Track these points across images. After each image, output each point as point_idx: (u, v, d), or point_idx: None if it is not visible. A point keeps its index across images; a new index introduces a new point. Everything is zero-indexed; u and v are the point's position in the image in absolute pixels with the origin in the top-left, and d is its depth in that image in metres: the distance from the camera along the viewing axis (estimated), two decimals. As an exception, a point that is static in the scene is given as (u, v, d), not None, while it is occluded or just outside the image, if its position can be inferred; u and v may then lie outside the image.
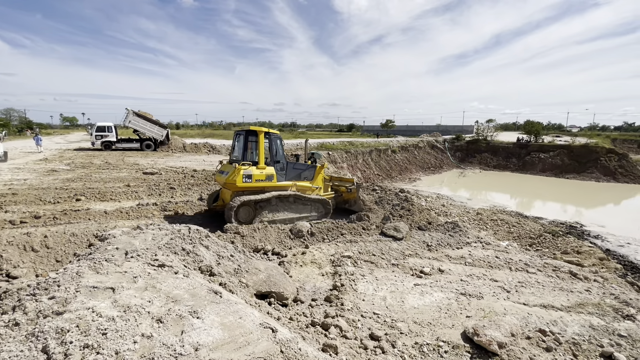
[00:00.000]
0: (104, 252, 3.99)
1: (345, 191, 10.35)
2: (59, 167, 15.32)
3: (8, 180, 11.81)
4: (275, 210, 8.24)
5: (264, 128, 8.28)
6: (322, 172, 9.66)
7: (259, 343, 2.51)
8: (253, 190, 8.04)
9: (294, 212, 8.56)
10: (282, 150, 8.85)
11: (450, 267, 6.44)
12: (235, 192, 7.92)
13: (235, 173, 7.71)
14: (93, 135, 24.80)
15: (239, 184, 7.73)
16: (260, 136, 8.05)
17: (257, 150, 8.06)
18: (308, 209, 8.82)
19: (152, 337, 2.35)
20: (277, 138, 8.65)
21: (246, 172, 7.80)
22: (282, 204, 8.39)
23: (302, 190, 8.94)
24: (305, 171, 9.31)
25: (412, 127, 68.97)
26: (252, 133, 8.20)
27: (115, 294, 2.90)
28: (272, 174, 8.26)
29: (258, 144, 8.03)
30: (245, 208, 7.82)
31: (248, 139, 8.27)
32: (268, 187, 8.22)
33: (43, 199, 9.17)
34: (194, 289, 3.19)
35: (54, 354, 2.13)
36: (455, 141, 39.58)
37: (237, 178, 7.69)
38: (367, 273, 5.87)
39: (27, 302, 2.80)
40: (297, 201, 8.60)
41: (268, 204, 8.15)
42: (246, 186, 7.86)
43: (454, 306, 4.84)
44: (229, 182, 7.78)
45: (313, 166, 9.51)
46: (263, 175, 8.08)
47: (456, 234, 8.40)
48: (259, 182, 8.04)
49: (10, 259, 5.04)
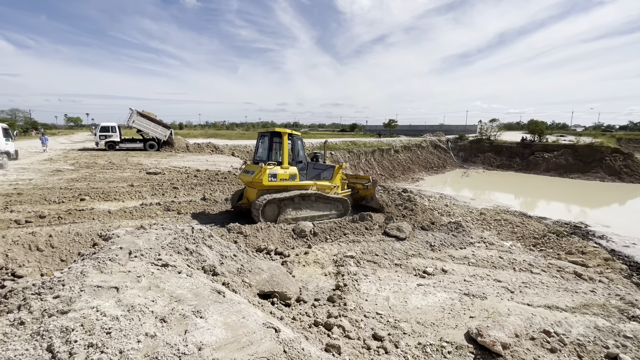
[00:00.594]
0: (108, 251, 4.02)
1: (362, 188, 10.75)
2: (63, 167, 15.44)
3: (13, 180, 11.91)
4: (298, 208, 8.57)
5: (287, 130, 8.63)
6: (340, 172, 10.06)
7: (262, 343, 2.51)
8: (277, 188, 8.37)
9: (315, 210, 8.88)
10: (303, 151, 9.28)
11: (453, 267, 6.41)
12: (261, 191, 8.26)
13: (262, 172, 8.05)
14: (97, 135, 24.95)
15: (265, 183, 8.07)
16: (284, 137, 8.40)
17: (281, 151, 8.41)
18: (328, 208, 9.16)
19: (155, 336, 2.35)
20: (298, 139, 9.08)
21: (271, 172, 8.16)
22: (305, 202, 8.71)
23: (321, 189, 9.33)
24: (325, 171, 9.79)
25: (415, 127, 68.78)
26: (277, 134, 8.57)
27: (119, 294, 2.91)
28: (295, 174, 8.63)
29: (282, 145, 8.37)
30: (270, 206, 8.14)
31: (273, 140, 8.63)
32: (291, 186, 8.57)
33: (48, 198, 9.24)
34: (197, 288, 3.19)
35: (58, 352, 2.14)
36: (459, 141, 39.43)
37: (263, 177, 8.03)
38: (370, 273, 5.86)
39: (32, 301, 2.82)
40: (319, 200, 8.94)
41: (291, 202, 8.48)
42: (271, 185, 8.21)
43: (457, 306, 4.82)
44: (255, 181, 8.12)
45: (332, 166, 9.99)
46: (287, 175, 8.45)
47: (459, 234, 8.37)
48: (283, 181, 8.40)
49: (15, 258, 5.08)
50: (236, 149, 25.18)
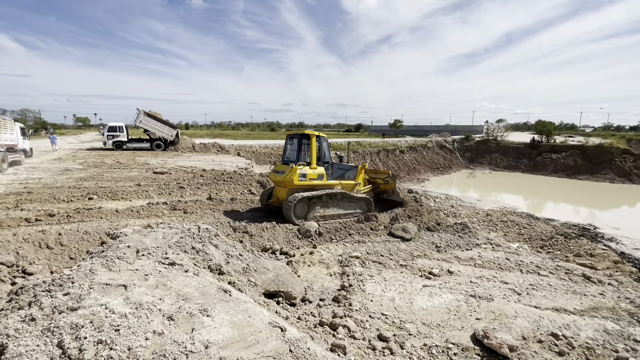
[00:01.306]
0: (116, 250, 4.07)
1: (383, 183, 11.25)
2: (72, 167, 15.66)
3: (24, 179, 12.12)
4: (325, 207, 8.99)
5: (315, 132, 9.08)
6: (362, 172, 10.64)
7: (268, 342, 2.52)
8: (306, 188, 8.79)
9: (341, 208, 9.29)
10: (329, 151, 9.69)
11: (459, 268, 6.37)
12: (291, 190, 8.69)
13: (292, 172, 8.49)
14: (105, 135, 25.24)
15: (296, 182, 8.51)
16: (313, 139, 8.82)
17: (309, 152, 8.86)
18: (353, 206, 9.57)
19: (163, 334, 2.38)
20: (324, 141, 9.46)
21: (301, 172, 8.60)
22: (332, 200, 9.15)
23: (346, 188, 9.80)
24: (349, 171, 10.31)
25: (421, 127, 68.40)
26: (306, 136, 9.05)
27: (127, 291, 2.95)
28: (323, 174, 9.06)
29: (311, 146, 8.79)
30: (301, 204, 8.52)
31: (302, 141, 9.11)
32: (319, 186, 9.00)
33: (57, 197, 9.37)
34: (204, 287, 3.22)
35: (68, 349, 2.18)
36: (465, 141, 39.12)
37: (294, 177, 8.48)
38: (375, 274, 5.85)
39: (43, 297, 2.87)
40: (344, 199, 9.37)
41: (319, 201, 8.90)
42: (301, 184, 8.65)
43: (463, 308, 4.78)
44: (286, 180, 8.55)
45: (355, 166, 10.56)
46: (315, 175, 8.88)
47: (465, 235, 8.31)
48: (312, 181, 8.82)
49: (26, 256, 5.17)
50: (242, 149, 25.30)
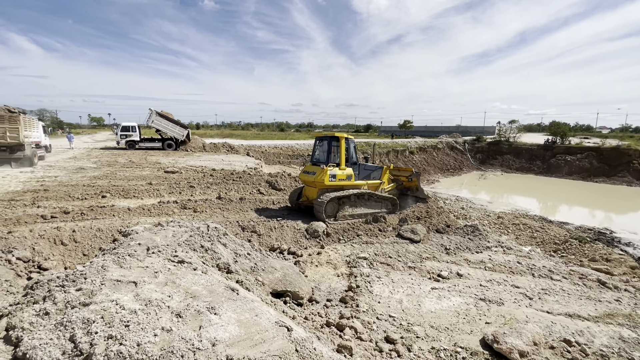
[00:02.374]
0: (127, 247, 4.14)
1: (406, 180, 11.53)
2: (86, 165, 16.03)
3: (40, 177, 12.47)
4: (354, 206, 9.28)
5: (344, 134, 9.40)
6: (387, 172, 10.98)
7: (274, 341, 2.53)
8: (336, 188, 9.08)
9: (368, 207, 9.53)
10: (356, 153, 9.98)
11: (469, 271, 6.28)
12: (321, 190, 8.98)
13: (323, 173, 8.77)
14: (118, 134, 25.78)
15: (326, 183, 8.80)
16: (342, 141, 9.09)
17: (339, 153, 9.11)
18: (379, 205, 9.85)
19: (171, 330, 2.41)
20: (352, 142, 9.71)
21: (332, 172, 8.87)
22: (359, 200, 9.41)
23: (372, 187, 10.11)
24: (375, 172, 10.66)
25: (431, 128, 67.69)
26: (336, 139, 9.32)
27: (138, 288, 3.00)
28: (351, 174, 9.34)
29: (340, 148, 9.04)
30: (331, 203, 8.84)
31: (332, 143, 9.37)
32: (347, 186, 9.28)
33: (72, 195, 9.61)
34: (212, 285, 3.25)
35: (80, 343, 2.23)
36: (476, 142, 38.53)
37: (325, 177, 8.77)
38: (383, 275, 5.81)
39: (57, 292, 2.94)
40: (371, 198, 9.63)
41: (348, 200, 9.20)
42: (331, 184, 8.94)
43: (472, 311, 4.71)
44: (317, 180, 8.85)
45: (380, 167, 10.93)
46: (344, 175, 9.13)
47: (476, 238, 8.18)
48: (341, 181, 9.09)
49: (41, 252, 5.31)
50: (251, 149, 25.48)
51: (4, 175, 12.53)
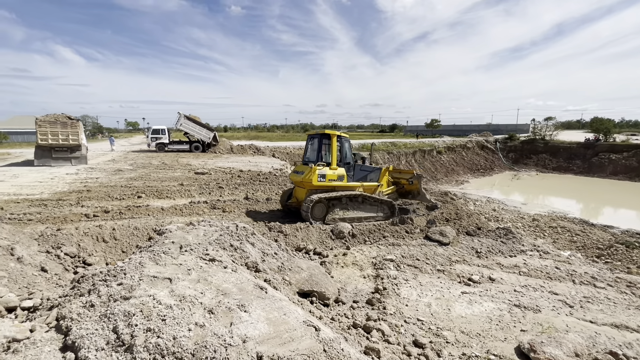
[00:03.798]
0: (161, 245, 4.35)
1: (407, 183, 10.54)
2: (123, 167, 17.02)
3: (84, 178, 13.39)
4: (345, 209, 8.72)
5: (336, 132, 8.75)
6: (387, 174, 10.13)
7: (302, 340, 2.56)
8: (326, 189, 8.59)
9: (362, 211, 8.96)
10: (351, 152, 9.36)
11: (502, 276, 6.01)
12: (310, 191, 8.52)
13: (312, 173, 8.30)
14: (149, 137, 27.18)
15: (315, 183, 8.32)
16: (333, 139, 8.55)
17: (330, 152, 8.60)
18: (375, 209, 9.18)
19: (204, 326, 2.51)
20: (346, 141, 9.15)
21: (321, 172, 8.38)
22: (352, 203, 8.84)
23: (368, 190, 9.41)
24: (372, 173, 9.81)
25: (460, 127, 65.52)
26: (326, 136, 8.75)
27: (172, 284, 3.14)
28: (343, 175, 8.78)
29: (331, 147, 8.54)
30: (319, 205, 8.37)
31: (322, 141, 8.84)
32: (339, 187, 8.74)
33: (111, 195, 10.24)
34: (242, 283, 3.34)
35: (122, 334, 2.37)
36: (508, 141, 36.80)
37: (312, 177, 8.28)
38: (411, 278, 5.69)
39: (100, 286, 3.15)
40: (365, 201, 9.03)
41: (339, 203, 8.67)
42: (320, 185, 8.44)
43: (506, 318, 4.50)
44: (305, 180, 8.41)
45: (379, 168, 10.08)
46: (335, 176, 8.61)
47: (509, 241, 7.81)
48: (332, 182, 8.58)
49: (86, 248, 5.70)
50: (276, 151, 25.89)
51: (53, 177, 13.59)
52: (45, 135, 17.23)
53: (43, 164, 17.38)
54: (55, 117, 17.82)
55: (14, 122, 54.12)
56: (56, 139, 17.43)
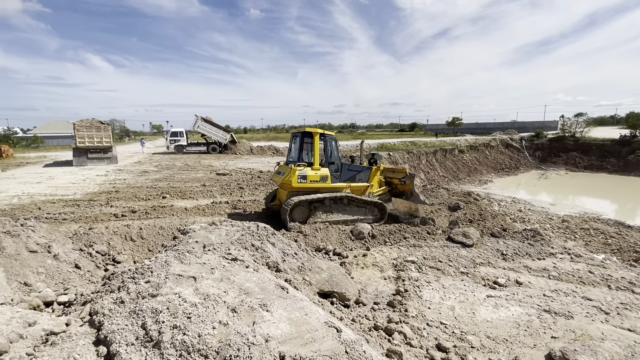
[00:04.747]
0: (186, 244, 4.48)
1: (400, 183, 9.83)
2: (149, 169, 17.68)
3: (112, 180, 14.01)
4: (329, 212, 8.25)
5: (319, 129, 8.28)
6: (377, 174, 9.48)
7: (324, 341, 2.56)
8: (308, 190, 8.13)
9: (348, 214, 8.46)
10: (337, 151, 8.84)
11: (529, 279, 5.76)
12: (291, 192, 8.10)
13: (291, 174, 7.89)
14: (168, 139, 28.18)
15: (294, 185, 7.92)
16: (316, 138, 8.07)
17: (312, 152, 8.14)
18: (363, 212, 8.68)
19: (228, 324, 2.55)
20: (332, 139, 8.64)
21: (301, 173, 7.95)
22: (336, 205, 8.36)
23: (356, 191, 8.86)
24: (361, 173, 9.19)
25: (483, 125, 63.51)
26: (308, 135, 8.26)
27: (197, 283, 3.22)
28: (327, 175, 8.29)
29: (313, 146, 8.08)
30: (299, 208, 7.94)
31: (304, 140, 8.37)
32: (323, 189, 8.28)
33: (138, 196, 10.65)
34: (263, 283, 3.38)
35: (150, 330, 2.46)
36: (535, 139, 35.28)
37: (292, 179, 7.87)
38: (433, 280, 5.57)
39: (129, 284, 3.28)
40: (351, 203, 8.52)
41: (322, 205, 8.21)
42: (301, 187, 8.01)
43: (535, 324, 4.31)
44: (285, 182, 8.02)
45: (369, 168, 9.35)
46: (318, 177, 8.15)
47: (537, 243, 7.49)
48: (314, 183, 8.12)
49: (115, 246, 5.97)
50: (295, 151, 26.06)
51: (84, 179, 14.30)
52: (83, 139, 19.33)
53: (81, 164, 19.30)
54: (90, 122, 19.73)
55: (50, 127, 57.52)
56: (92, 142, 19.56)
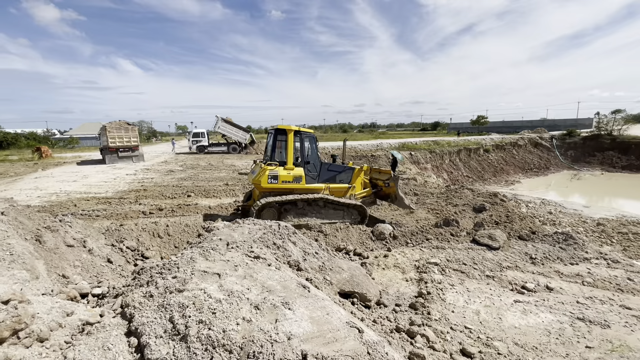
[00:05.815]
0: (210, 241, 4.60)
1: (384, 185, 9.27)
2: (175, 168, 18.31)
3: (141, 178, 14.63)
4: (302, 214, 7.83)
5: (294, 127, 7.88)
6: (361, 175, 9.01)
7: (346, 341, 2.55)
8: (280, 191, 7.78)
9: (324, 217, 8.02)
10: (316, 150, 8.44)
11: (561, 285, 5.48)
12: (262, 193, 7.79)
13: (261, 173, 7.61)
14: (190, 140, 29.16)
15: (264, 185, 7.59)
16: (290, 135, 7.67)
17: (285, 150, 7.74)
18: (340, 215, 8.23)
19: (251, 321, 2.60)
20: (309, 137, 8.27)
21: (272, 173, 7.59)
22: (311, 207, 7.94)
23: (337, 193, 8.41)
24: (342, 173, 8.66)
25: (509, 123, 61.14)
26: (281, 132, 7.85)
27: (221, 279, 3.30)
28: (301, 176, 7.85)
29: (287, 144, 7.69)
30: (268, 210, 7.65)
31: (277, 138, 7.97)
32: (297, 190, 7.88)
33: (164, 194, 11.06)
34: (285, 281, 3.42)
35: (177, 324, 2.54)
36: (567, 137, 33.58)
37: (262, 178, 7.57)
38: (457, 283, 5.42)
39: (157, 278, 3.41)
40: (328, 206, 8.09)
41: (294, 207, 7.84)
42: (272, 187, 7.65)
43: (568, 332, 4.10)
44: (254, 182, 7.77)
45: (351, 168, 8.86)
46: (290, 177, 7.73)
47: (569, 247, 7.11)
48: (286, 184, 7.73)
49: (144, 242, 6.23)
50: (315, 151, 26.16)
51: (115, 177, 15.02)
52: (114, 139, 21.13)
53: (112, 162, 21.10)
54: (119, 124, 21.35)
55: (84, 129, 61.06)
56: (122, 142, 21.42)
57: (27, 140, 42.29)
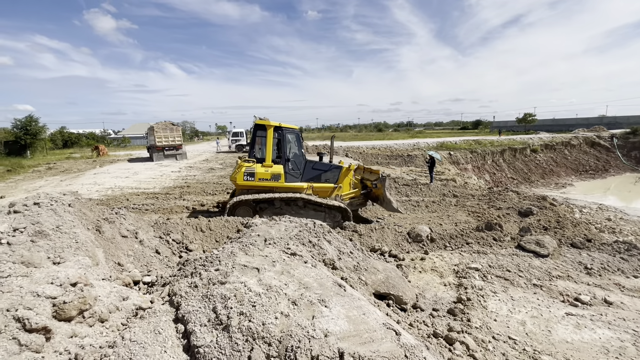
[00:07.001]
0: (249, 237, 4.77)
1: (372, 186, 8.78)
2: (215, 166, 19.20)
3: (184, 176, 15.53)
4: (279, 214, 7.50)
5: (274, 122, 7.59)
6: (349, 175, 8.53)
7: (382, 343, 2.52)
8: (258, 189, 7.53)
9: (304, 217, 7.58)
10: (300, 148, 8.12)
11: (622, 299, 4.98)
12: (240, 191, 7.57)
13: (237, 170, 7.41)
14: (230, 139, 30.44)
15: (239, 182, 7.39)
16: (269, 131, 7.42)
17: (264, 147, 7.51)
18: (322, 216, 7.85)
19: (289, 316, 2.66)
20: (291, 134, 7.96)
21: (249, 170, 7.36)
22: (289, 207, 7.62)
23: (321, 192, 8.05)
24: (328, 172, 8.29)
25: (561, 121, 56.47)
26: (261, 127, 7.56)
27: (260, 274, 3.42)
28: (279, 173, 7.55)
29: (266, 140, 7.46)
30: (243, 208, 7.44)
31: (257, 134, 7.72)
32: (276, 188, 7.59)
33: (205, 191, 11.65)
34: (321, 279, 3.45)
35: (220, 314, 2.68)
36: (631, 136, 30.30)
37: (237, 175, 7.37)
38: (500, 290, 5.13)
39: (201, 270, 3.61)
40: (308, 206, 7.73)
41: (271, 206, 7.57)
42: (248, 185, 7.43)
43: (630, 351, 3.72)
44: (231, 179, 7.64)
45: (338, 167, 8.41)
46: (268, 174, 7.46)
47: (632, 258, 6.43)
48: (263, 182, 7.47)
49: (188, 236, 6.60)
50: (349, 150, 26.04)
51: (162, 174, 16.08)
52: (160, 139, 22.69)
53: (158, 159, 22.66)
54: (164, 124, 23.06)
55: (135, 129, 66.37)
56: (167, 141, 22.95)
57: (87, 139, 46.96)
